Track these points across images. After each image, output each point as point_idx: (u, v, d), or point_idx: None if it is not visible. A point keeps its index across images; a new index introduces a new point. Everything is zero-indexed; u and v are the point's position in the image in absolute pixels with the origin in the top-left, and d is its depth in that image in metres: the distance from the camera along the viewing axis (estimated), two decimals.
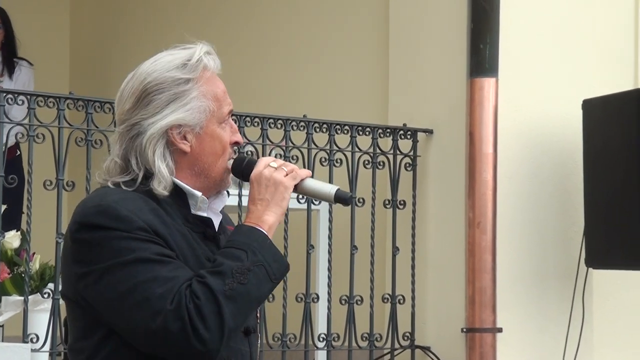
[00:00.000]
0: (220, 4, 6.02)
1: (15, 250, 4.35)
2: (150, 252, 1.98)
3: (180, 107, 2.08)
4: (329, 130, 4.69)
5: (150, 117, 2.08)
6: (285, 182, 2.09)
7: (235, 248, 2.02)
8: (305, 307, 4.57)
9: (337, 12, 5.44)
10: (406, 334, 4.79)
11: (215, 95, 2.11)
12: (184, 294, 1.95)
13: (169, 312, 1.94)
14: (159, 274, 1.96)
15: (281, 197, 2.08)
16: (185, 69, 2.10)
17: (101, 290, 1.98)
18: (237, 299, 1.98)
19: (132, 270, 1.96)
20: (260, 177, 2.09)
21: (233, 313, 1.97)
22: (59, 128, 4.17)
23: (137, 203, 2.02)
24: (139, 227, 1.99)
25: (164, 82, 2.09)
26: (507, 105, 4.74)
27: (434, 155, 4.86)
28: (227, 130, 2.12)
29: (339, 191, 2.12)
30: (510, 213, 4.72)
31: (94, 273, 1.99)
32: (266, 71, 5.68)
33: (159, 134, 2.07)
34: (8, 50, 5.93)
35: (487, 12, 4.69)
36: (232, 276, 1.98)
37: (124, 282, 1.96)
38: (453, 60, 4.78)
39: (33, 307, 4.19)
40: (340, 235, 4.73)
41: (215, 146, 2.10)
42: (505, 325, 4.66)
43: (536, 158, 4.79)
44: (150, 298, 1.95)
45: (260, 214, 2.07)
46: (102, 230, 1.99)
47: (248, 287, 1.99)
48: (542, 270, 4.78)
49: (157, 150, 2.07)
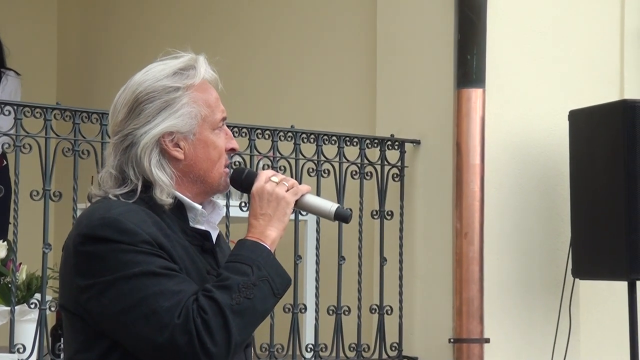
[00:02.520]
0: (207, 15, 6.03)
1: (1, 261, 4.33)
2: (155, 265, 1.98)
3: (171, 114, 2.08)
4: (316, 140, 4.70)
5: (142, 126, 2.08)
6: (287, 197, 2.10)
7: (241, 263, 2.02)
8: (293, 318, 4.57)
9: (324, 23, 5.45)
10: (394, 344, 4.79)
11: (207, 102, 2.12)
12: (192, 308, 1.96)
13: (177, 326, 1.94)
14: (166, 288, 1.96)
15: (283, 212, 2.09)
16: (175, 77, 2.10)
17: (106, 303, 1.98)
18: (244, 314, 1.98)
19: (138, 283, 1.96)
20: (262, 192, 2.09)
21: (240, 327, 1.98)
22: (46, 138, 4.16)
23: (141, 216, 2.02)
24: (143, 240, 1.99)
25: (155, 91, 2.09)
26: (494, 116, 4.75)
27: (421, 166, 4.87)
28: (222, 137, 2.13)
29: (339, 209, 2.13)
30: (498, 224, 4.73)
31: (97, 286, 1.98)
32: (253, 82, 5.68)
33: (152, 143, 2.07)
34: None
35: (474, 23, 4.71)
36: (239, 291, 1.99)
37: (130, 296, 1.96)
38: (440, 71, 4.79)
39: (20, 317, 4.18)
40: (327, 246, 4.73)
41: (209, 152, 2.10)
42: (492, 336, 4.67)
43: (523, 169, 4.81)
44: (158, 311, 1.95)
45: (263, 229, 2.07)
46: (108, 243, 1.99)
47: (254, 302, 2.00)
48: (529, 281, 4.79)
49: (153, 159, 2.07)
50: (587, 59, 4.98)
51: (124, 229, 1.99)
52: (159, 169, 2.07)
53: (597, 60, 5.00)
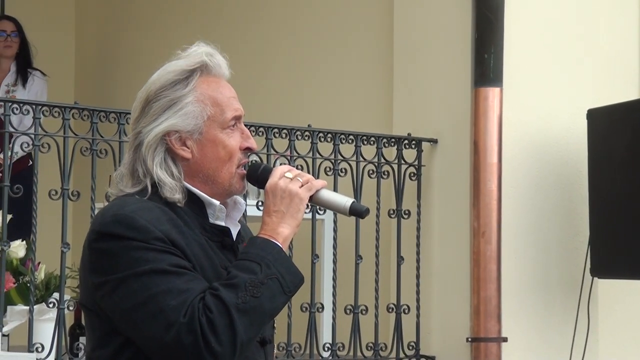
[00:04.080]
0: (224, 14, 6.04)
1: (20, 260, 4.35)
2: (165, 263, 1.97)
3: (174, 112, 2.08)
4: (333, 139, 4.70)
5: (149, 124, 2.08)
6: (301, 193, 2.07)
7: (250, 261, 2.01)
8: (310, 317, 4.57)
9: (341, 22, 5.45)
10: (411, 343, 4.78)
11: (216, 100, 2.09)
12: (197, 306, 1.95)
13: (182, 325, 1.94)
14: (174, 286, 1.96)
15: (296, 209, 2.06)
16: (183, 75, 2.09)
17: (117, 300, 1.98)
18: (250, 313, 1.97)
19: (148, 281, 1.96)
20: (275, 188, 2.07)
21: (246, 326, 1.96)
22: (64, 138, 4.18)
23: (155, 213, 2.02)
24: (155, 237, 1.98)
25: (163, 89, 2.09)
26: (512, 115, 4.74)
27: (438, 165, 4.87)
28: (236, 136, 2.10)
29: (354, 204, 2.09)
30: (515, 222, 4.72)
31: (110, 283, 1.99)
32: (271, 81, 5.69)
33: (155, 141, 2.07)
34: (23, 60, 5.95)
35: (491, 21, 4.70)
36: (246, 289, 1.97)
37: (139, 293, 1.96)
38: (457, 70, 4.78)
39: (38, 316, 4.19)
40: (345, 245, 4.73)
41: (217, 152, 2.08)
42: (510, 335, 4.65)
43: (541, 167, 4.79)
44: (164, 310, 1.94)
45: (275, 226, 2.05)
46: (119, 239, 1.99)
47: (261, 301, 1.98)
48: (547, 280, 4.77)
49: (157, 158, 2.07)
50: (605, 58, 4.95)
51: (136, 226, 1.99)
52: (161, 168, 2.06)
53: (615, 59, 4.98)
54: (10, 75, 5.93)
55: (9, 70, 5.93)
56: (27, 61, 5.95)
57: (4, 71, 5.95)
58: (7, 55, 5.95)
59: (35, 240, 4.17)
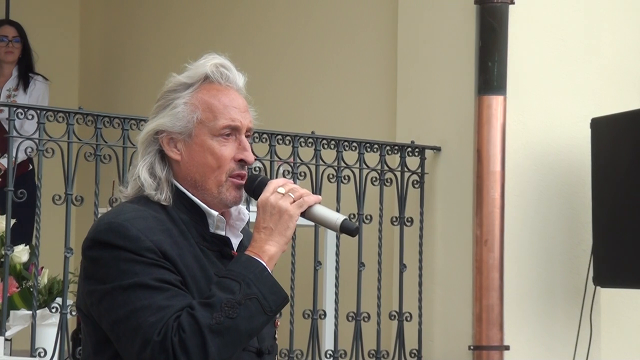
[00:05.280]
0: (229, 21, 6.05)
1: (23, 265, 4.36)
2: (151, 277, 1.97)
3: (166, 113, 2.08)
4: (336, 146, 4.70)
5: (146, 124, 2.12)
6: (290, 210, 2.03)
7: (230, 279, 1.99)
8: (313, 324, 4.57)
9: (345, 29, 5.46)
10: (413, 351, 4.78)
11: (209, 106, 2.08)
12: (171, 325, 1.94)
13: (156, 344, 1.93)
14: (154, 302, 1.95)
15: (285, 226, 2.03)
16: (189, 80, 2.10)
17: (102, 312, 2.00)
18: (224, 333, 1.94)
19: (131, 295, 1.96)
20: (265, 204, 2.04)
21: (219, 347, 1.94)
22: (68, 143, 4.19)
23: (149, 223, 2.02)
24: (146, 248, 1.98)
25: (166, 92, 2.11)
26: (515, 123, 4.74)
27: (441, 173, 4.87)
28: (230, 146, 2.08)
29: (345, 221, 2.06)
30: (518, 231, 4.72)
31: (97, 293, 2.00)
32: (275, 88, 5.69)
33: (146, 139, 2.09)
34: (25, 65, 5.97)
35: (495, 30, 4.70)
36: (221, 309, 1.95)
37: (122, 307, 1.96)
38: (461, 78, 4.79)
39: (41, 321, 4.20)
40: (347, 252, 4.74)
41: (205, 158, 2.07)
42: (512, 343, 4.65)
43: (544, 176, 4.79)
44: (142, 326, 1.94)
45: (262, 244, 2.02)
46: (111, 248, 1.99)
47: (237, 322, 1.95)
48: (549, 288, 4.77)
49: (147, 157, 2.08)
50: (609, 67, 4.96)
51: (128, 235, 1.99)
52: (145, 166, 2.07)
53: (620, 68, 4.98)
54: (11, 80, 5.94)
55: (11, 75, 5.94)
56: (29, 66, 5.96)
57: (6, 76, 5.97)
58: (8, 61, 5.96)
59: (39, 245, 4.17)
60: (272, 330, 2.16)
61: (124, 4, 6.80)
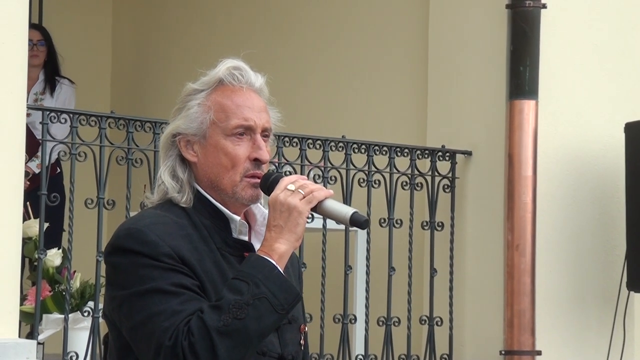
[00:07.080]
0: (260, 26, 6.06)
1: (56, 268, 4.38)
2: (168, 282, 1.98)
3: (182, 115, 2.10)
4: (367, 151, 4.69)
5: (165, 128, 2.14)
6: (299, 206, 2.02)
7: (239, 280, 1.98)
8: (343, 328, 4.57)
9: (377, 34, 5.45)
10: (444, 355, 4.76)
11: (222, 106, 2.09)
12: (182, 330, 1.94)
13: (167, 348, 1.94)
14: (168, 307, 1.96)
15: (295, 222, 2.01)
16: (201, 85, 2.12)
17: (122, 318, 2.02)
18: (233, 335, 1.94)
19: (148, 300, 1.97)
20: (275, 202, 2.03)
21: (228, 349, 1.94)
22: (100, 147, 4.21)
23: (168, 228, 2.02)
24: (164, 253, 1.99)
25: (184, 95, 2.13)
26: (547, 128, 4.71)
27: (472, 177, 4.85)
28: (244, 145, 2.08)
29: (354, 214, 2.03)
30: (550, 235, 4.69)
31: (118, 299, 2.02)
32: (305, 92, 5.70)
33: (166, 143, 2.11)
34: (51, 69, 6.00)
35: (527, 34, 4.68)
36: (229, 311, 1.95)
37: (139, 313, 1.98)
38: (492, 82, 4.77)
39: (73, 325, 4.22)
40: (378, 257, 4.73)
41: (219, 158, 2.07)
42: (544, 349, 4.62)
43: (576, 181, 4.76)
44: (156, 331, 1.95)
45: (272, 242, 2.02)
46: (129, 254, 2.01)
47: (245, 322, 1.94)
48: (582, 294, 4.73)
49: (168, 161, 2.10)
50: None
51: (146, 241, 2.00)
52: (166, 169, 2.09)
53: None
54: (38, 84, 5.98)
55: (38, 79, 5.98)
56: (55, 69, 5.99)
57: (33, 80, 6.00)
58: (34, 64, 5.99)
59: (71, 248, 4.19)
60: (297, 336, 2.14)
61: (154, 9, 6.84)
